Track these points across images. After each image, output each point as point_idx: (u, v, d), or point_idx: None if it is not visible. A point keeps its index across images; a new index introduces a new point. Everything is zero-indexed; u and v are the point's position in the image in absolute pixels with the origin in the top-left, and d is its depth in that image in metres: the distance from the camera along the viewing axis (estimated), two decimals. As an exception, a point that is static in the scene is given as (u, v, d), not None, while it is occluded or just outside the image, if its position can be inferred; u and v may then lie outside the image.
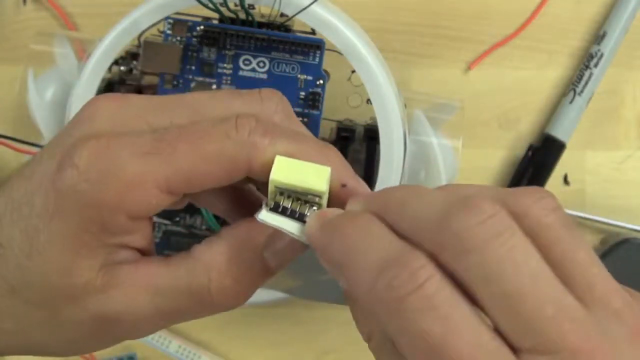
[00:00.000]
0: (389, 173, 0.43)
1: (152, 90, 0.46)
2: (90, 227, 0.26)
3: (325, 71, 0.44)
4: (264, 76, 0.43)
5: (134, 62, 0.46)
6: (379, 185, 0.43)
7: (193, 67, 0.44)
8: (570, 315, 0.22)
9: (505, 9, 0.56)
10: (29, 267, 0.27)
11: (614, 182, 0.57)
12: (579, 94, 0.55)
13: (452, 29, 0.56)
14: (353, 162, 0.46)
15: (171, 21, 0.44)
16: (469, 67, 0.56)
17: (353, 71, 0.44)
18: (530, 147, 0.56)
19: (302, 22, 0.43)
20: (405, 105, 0.46)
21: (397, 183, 0.43)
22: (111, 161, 0.26)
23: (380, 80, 0.43)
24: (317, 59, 0.43)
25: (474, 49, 0.56)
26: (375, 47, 0.45)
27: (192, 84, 0.44)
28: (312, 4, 0.42)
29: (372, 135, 0.46)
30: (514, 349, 0.22)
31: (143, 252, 0.29)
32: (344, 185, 0.27)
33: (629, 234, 0.54)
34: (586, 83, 0.55)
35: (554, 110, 0.56)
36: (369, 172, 0.46)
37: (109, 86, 0.46)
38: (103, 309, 0.27)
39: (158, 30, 0.45)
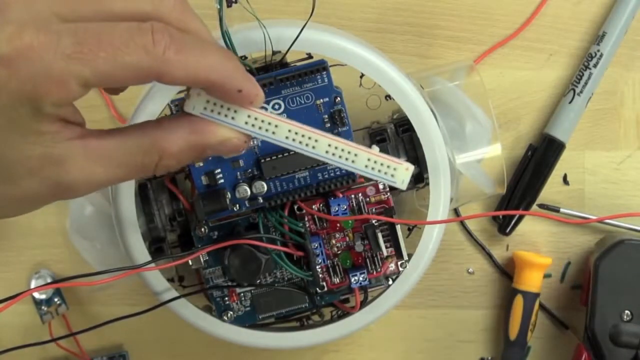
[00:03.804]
0: (434, 152, 0.45)
1: (184, 172, 0.46)
2: (25, 113, 0.30)
3: (337, 87, 0.44)
4: (284, 116, 0.43)
5: None
6: (430, 166, 0.45)
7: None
8: None
9: (505, 9, 0.56)
10: None
11: (613, 182, 0.57)
12: (579, 94, 0.55)
13: (452, 29, 0.56)
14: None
15: (176, 103, 0.43)
16: (468, 67, 0.56)
17: (362, 76, 0.45)
18: (530, 147, 0.56)
19: (294, 52, 0.43)
20: (422, 87, 0.47)
21: (444, 158, 0.45)
22: (38, 62, 0.29)
23: (392, 75, 0.44)
24: (326, 80, 0.44)
25: (473, 49, 0.56)
26: (372, 44, 0.46)
27: None
28: (301, 31, 0.42)
29: (403, 127, 0.47)
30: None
31: (81, 125, 0.33)
32: (240, 91, 0.33)
33: (627, 235, 0.54)
34: (586, 83, 0.55)
35: (553, 110, 0.56)
36: (417, 161, 0.47)
37: (141, 187, 0.45)
38: (60, 180, 0.32)
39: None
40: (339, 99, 0.44)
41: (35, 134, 0.31)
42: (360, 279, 0.45)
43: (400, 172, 0.36)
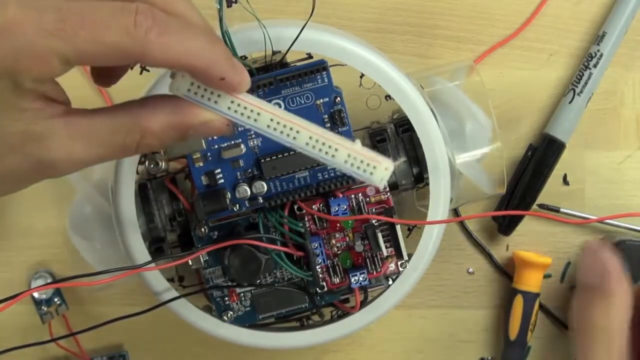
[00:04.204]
0: (434, 152, 0.45)
1: (184, 172, 0.47)
2: (6, 88, 0.30)
3: (337, 87, 0.44)
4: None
5: (157, 155, 0.45)
6: (430, 166, 0.45)
7: (215, 137, 0.43)
8: None
9: (505, 9, 0.56)
10: None
11: (613, 182, 0.57)
12: (579, 94, 0.55)
13: (452, 30, 0.56)
14: (395, 160, 0.47)
15: None
16: (468, 67, 0.56)
17: (362, 76, 0.45)
18: (530, 147, 0.56)
19: (294, 52, 0.43)
20: (422, 87, 0.47)
21: (444, 158, 0.45)
22: (20, 37, 0.30)
23: (392, 75, 0.44)
24: (325, 80, 0.44)
25: (473, 49, 0.56)
26: (372, 44, 0.46)
27: (222, 152, 0.44)
28: (301, 31, 0.42)
29: (403, 127, 0.47)
30: None
31: (65, 103, 0.33)
32: (222, 79, 0.33)
33: (627, 235, 0.54)
34: (586, 83, 0.55)
35: (553, 110, 0.56)
36: (417, 161, 0.47)
37: (141, 187, 0.46)
38: (42, 157, 0.32)
39: None
40: (339, 99, 0.44)
41: (17, 111, 0.31)
42: (360, 279, 0.45)
43: (380, 170, 0.35)
